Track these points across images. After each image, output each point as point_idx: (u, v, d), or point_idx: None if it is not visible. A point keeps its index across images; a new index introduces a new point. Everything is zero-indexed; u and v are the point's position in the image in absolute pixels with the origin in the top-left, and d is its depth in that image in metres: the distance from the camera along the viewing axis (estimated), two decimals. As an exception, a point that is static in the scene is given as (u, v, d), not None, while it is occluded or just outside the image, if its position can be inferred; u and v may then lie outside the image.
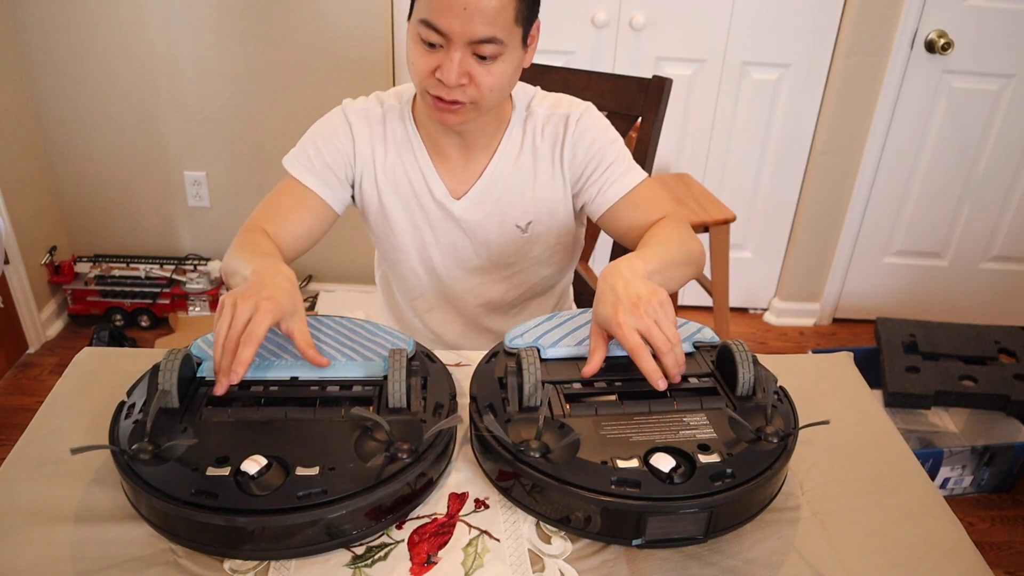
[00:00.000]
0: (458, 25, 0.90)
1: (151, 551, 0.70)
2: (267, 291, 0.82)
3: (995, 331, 2.06)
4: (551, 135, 1.10)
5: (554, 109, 1.10)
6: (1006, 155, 2.34)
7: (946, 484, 1.89)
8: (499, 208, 1.11)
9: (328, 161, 1.08)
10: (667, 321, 0.82)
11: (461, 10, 0.89)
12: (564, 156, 1.09)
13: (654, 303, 0.82)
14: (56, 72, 2.18)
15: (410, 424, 0.77)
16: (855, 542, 0.75)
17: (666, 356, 0.82)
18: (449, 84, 0.93)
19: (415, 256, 1.17)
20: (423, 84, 0.97)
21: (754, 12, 2.15)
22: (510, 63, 0.96)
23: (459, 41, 0.91)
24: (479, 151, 1.10)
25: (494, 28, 0.91)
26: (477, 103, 0.97)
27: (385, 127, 1.10)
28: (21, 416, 2.01)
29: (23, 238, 2.18)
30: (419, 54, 0.95)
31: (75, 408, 0.88)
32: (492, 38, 0.91)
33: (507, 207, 1.11)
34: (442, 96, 0.95)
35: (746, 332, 2.56)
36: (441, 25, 0.90)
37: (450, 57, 0.92)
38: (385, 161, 1.10)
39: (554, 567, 0.71)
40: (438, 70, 0.93)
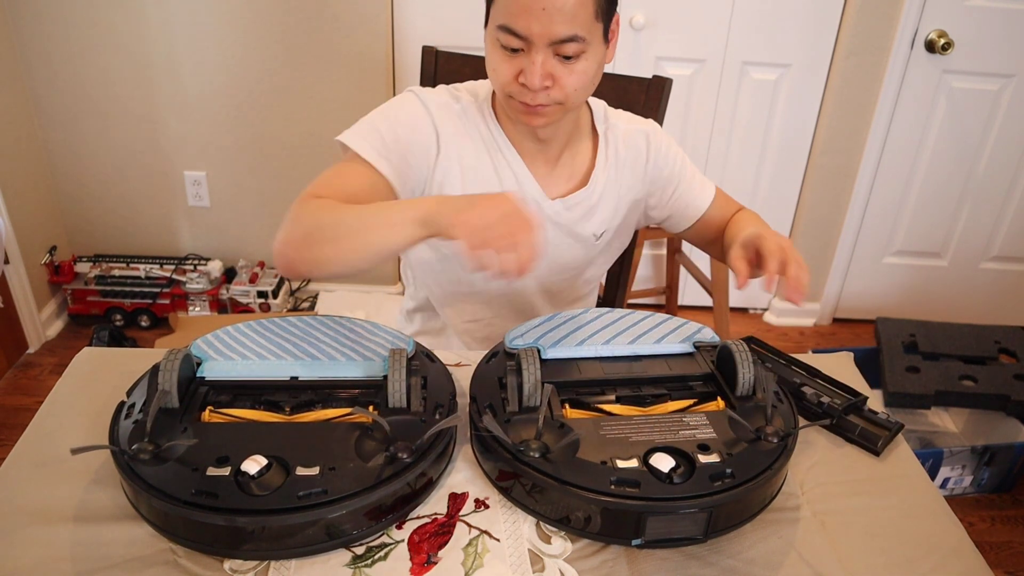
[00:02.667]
0: (538, 27, 0.88)
1: (151, 551, 0.70)
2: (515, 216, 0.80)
3: (995, 331, 2.06)
4: (633, 149, 1.11)
5: (631, 124, 1.12)
6: (1006, 155, 2.34)
7: (946, 484, 1.89)
8: (589, 215, 1.11)
9: (404, 149, 1.00)
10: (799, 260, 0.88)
11: (540, 11, 0.87)
12: (648, 171, 1.12)
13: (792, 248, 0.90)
14: (56, 72, 2.18)
15: (410, 424, 0.77)
16: (855, 542, 0.75)
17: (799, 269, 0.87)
18: (533, 88, 0.92)
19: None
20: (506, 90, 0.95)
21: (754, 12, 2.15)
22: (593, 60, 0.94)
23: (540, 43, 0.90)
24: (564, 157, 1.09)
25: (574, 26, 0.89)
26: (563, 103, 0.96)
27: (468, 123, 1.06)
28: (21, 416, 2.01)
29: (23, 238, 2.18)
30: (500, 60, 0.93)
31: (75, 408, 0.88)
32: (573, 36, 0.90)
33: (595, 215, 1.11)
34: (527, 101, 0.94)
35: (746, 332, 2.56)
36: (520, 28, 0.89)
37: (532, 60, 0.90)
38: (474, 159, 1.05)
39: (554, 567, 0.71)
40: (521, 75, 0.92)
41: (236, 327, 0.93)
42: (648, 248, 2.50)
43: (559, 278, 1.17)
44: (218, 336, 0.91)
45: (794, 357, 1.01)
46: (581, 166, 1.11)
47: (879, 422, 0.89)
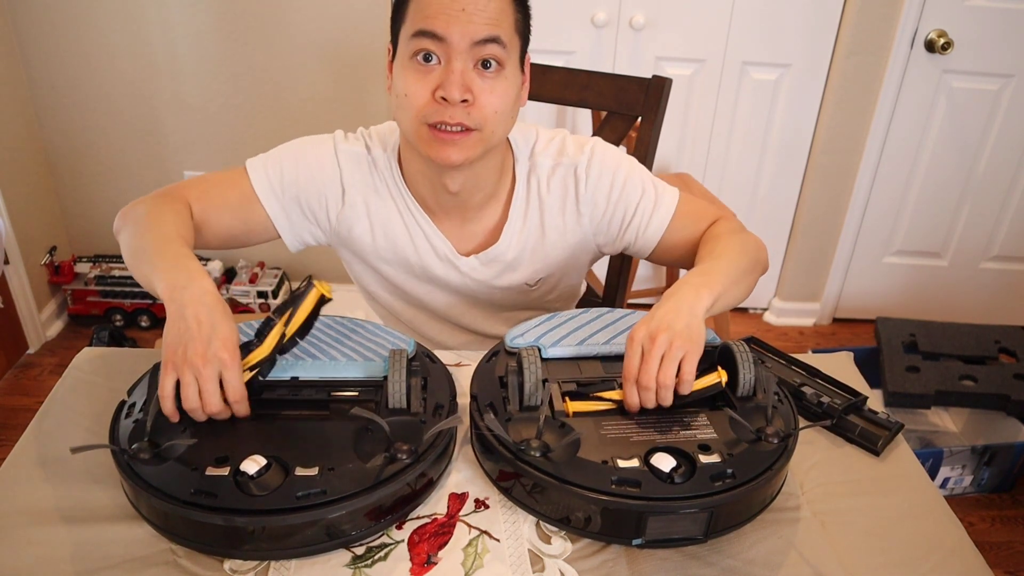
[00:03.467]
0: (458, 27, 0.85)
1: (151, 551, 0.70)
2: (218, 338, 0.74)
3: (995, 331, 2.06)
4: (559, 188, 1.04)
5: (559, 158, 1.03)
6: (1006, 155, 2.34)
7: (946, 484, 1.89)
8: (509, 270, 1.07)
9: (300, 193, 1.01)
10: (671, 363, 0.77)
11: (459, 12, 0.85)
12: (581, 210, 1.04)
13: (677, 343, 0.78)
14: (56, 72, 2.18)
15: (410, 424, 0.77)
16: (855, 542, 0.75)
17: (642, 391, 0.79)
18: (452, 99, 0.86)
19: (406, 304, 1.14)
20: (421, 114, 0.89)
21: (754, 12, 2.15)
22: (512, 83, 0.91)
23: (460, 46, 0.86)
24: (476, 211, 1.04)
25: (496, 28, 0.87)
26: (481, 130, 0.90)
27: (377, 178, 1.03)
28: (21, 416, 2.01)
29: (23, 238, 2.18)
30: (415, 79, 0.88)
31: (75, 408, 0.88)
32: (496, 37, 0.86)
33: (517, 268, 1.07)
34: (445, 121, 0.88)
35: (746, 332, 2.56)
36: (439, 29, 0.85)
37: (451, 69, 0.86)
38: (384, 213, 1.04)
39: (554, 567, 0.71)
40: (439, 89, 0.87)
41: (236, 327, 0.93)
42: (648, 248, 2.50)
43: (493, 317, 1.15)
44: (218, 336, 0.91)
45: (794, 357, 1.01)
46: (493, 218, 1.05)
47: (879, 422, 0.89)
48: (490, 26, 0.86)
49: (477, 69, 0.88)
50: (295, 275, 2.52)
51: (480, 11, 0.85)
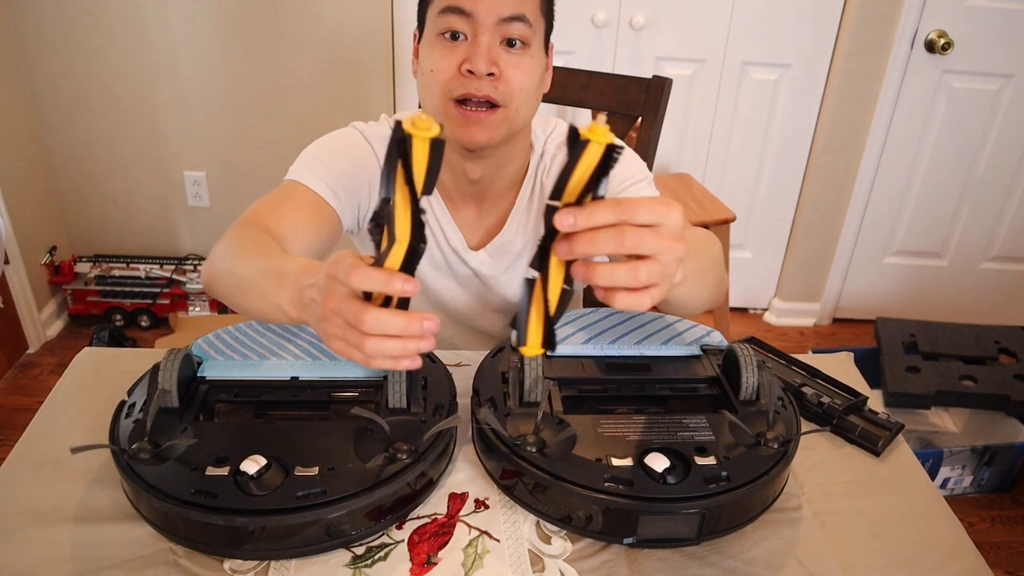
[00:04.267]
0: (485, 3, 0.87)
1: (151, 551, 0.70)
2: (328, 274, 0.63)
3: (995, 331, 2.06)
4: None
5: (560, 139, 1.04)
6: (1006, 155, 2.34)
7: (946, 484, 1.89)
8: (518, 263, 1.07)
9: (346, 181, 0.98)
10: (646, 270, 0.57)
11: None
12: None
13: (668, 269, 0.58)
14: (56, 72, 2.18)
15: (410, 424, 0.77)
16: (855, 542, 0.75)
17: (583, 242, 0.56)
18: (479, 72, 0.87)
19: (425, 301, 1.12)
20: (448, 87, 0.89)
21: (754, 12, 2.15)
22: (537, 62, 0.92)
23: (487, 22, 0.87)
24: (493, 201, 1.04)
25: (523, 7, 0.88)
26: (507, 106, 0.90)
27: None
28: (21, 416, 2.01)
29: (23, 238, 2.17)
30: (441, 54, 0.89)
31: (75, 408, 0.88)
32: (522, 15, 0.88)
33: (523, 258, 1.07)
34: (472, 93, 0.88)
35: (746, 332, 2.56)
36: (466, 4, 0.87)
37: (477, 43, 0.88)
38: None
39: (554, 567, 0.71)
40: (466, 62, 0.88)
41: (237, 327, 0.93)
42: (648, 248, 2.50)
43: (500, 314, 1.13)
44: (219, 336, 0.91)
45: (794, 357, 1.01)
46: (506, 206, 1.05)
47: (879, 422, 0.89)
48: (516, 4, 0.88)
49: (503, 46, 0.89)
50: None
51: None
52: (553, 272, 0.60)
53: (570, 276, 0.60)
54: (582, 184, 0.57)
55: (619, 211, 0.56)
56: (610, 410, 0.83)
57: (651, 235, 0.57)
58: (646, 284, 0.58)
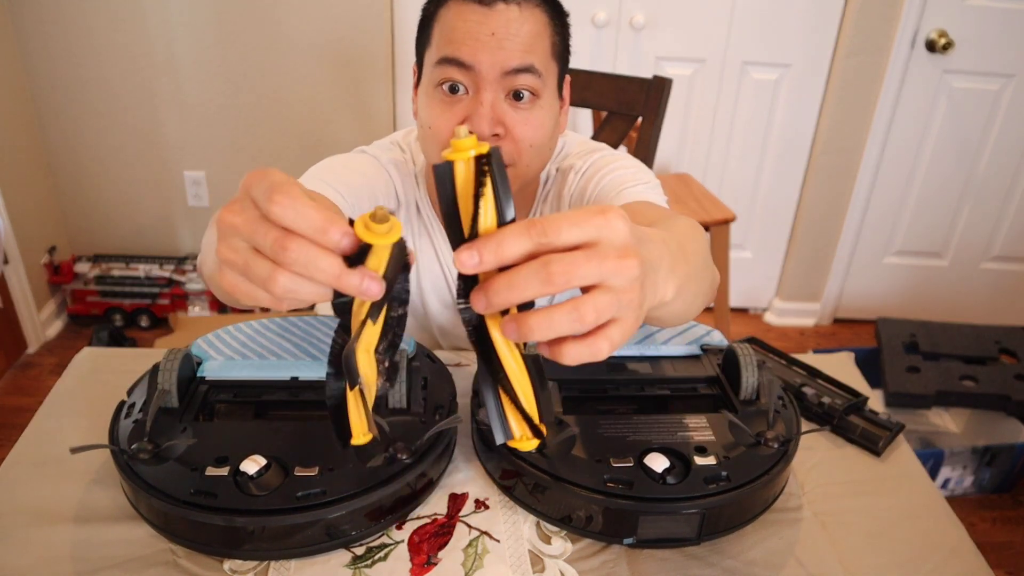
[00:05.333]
0: (487, 55, 0.76)
1: (151, 551, 0.70)
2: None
3: (996, 331, 2.06)
4: (554, 196, 0.96)
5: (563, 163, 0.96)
6: (1006, 155, 2.34)
7: (947, 484, 1.89)
8: None
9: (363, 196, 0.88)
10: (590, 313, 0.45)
11: (488, 36, 0.76)
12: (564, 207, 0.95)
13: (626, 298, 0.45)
14: (56, 72, 2.18)
15: (410, 424, 0.77)
16: (856, 543, 0.75)
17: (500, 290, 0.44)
18: (482, 135, 0.77)
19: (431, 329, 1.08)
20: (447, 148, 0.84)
21: (754, 12, 2.15)
22: (549, 111, 0.82)
23: (490, 76, 0.77)
24: None
25: (529, 56, 0.77)
26: (515, 165, 0.82)
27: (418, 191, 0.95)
28: (21, 416, 2.01)
29: (23, 238, 2.17)
30: (440, 109, 0.80)
31: (75, 408, 0.88)
32: (529, 67, 0.78)
33: None
34: None
35: (746, 332, 2.56)
36: (466, 57, 0.77)
37: (480, 100, 0.78)
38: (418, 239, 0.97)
39: (554, 567, 0.71)
40: (466, 122, 0.78)
41: (236, 327, 0.93)
42: (648, 248, 2.50)
43: None
44: (218, 336, 0.91)
45: (795, 357, 1.01)
46: None
47: (880, 422, 0.88)
48: (523, 53, 0.78)
49: (509, 100, 0.80)
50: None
51: (512, 36, 0.77)
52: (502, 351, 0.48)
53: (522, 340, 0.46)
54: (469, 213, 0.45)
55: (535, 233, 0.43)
56: (610, 410, 0.83)
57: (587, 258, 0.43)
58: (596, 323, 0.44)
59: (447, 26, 0.79)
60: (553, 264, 0.43)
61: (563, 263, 0.43)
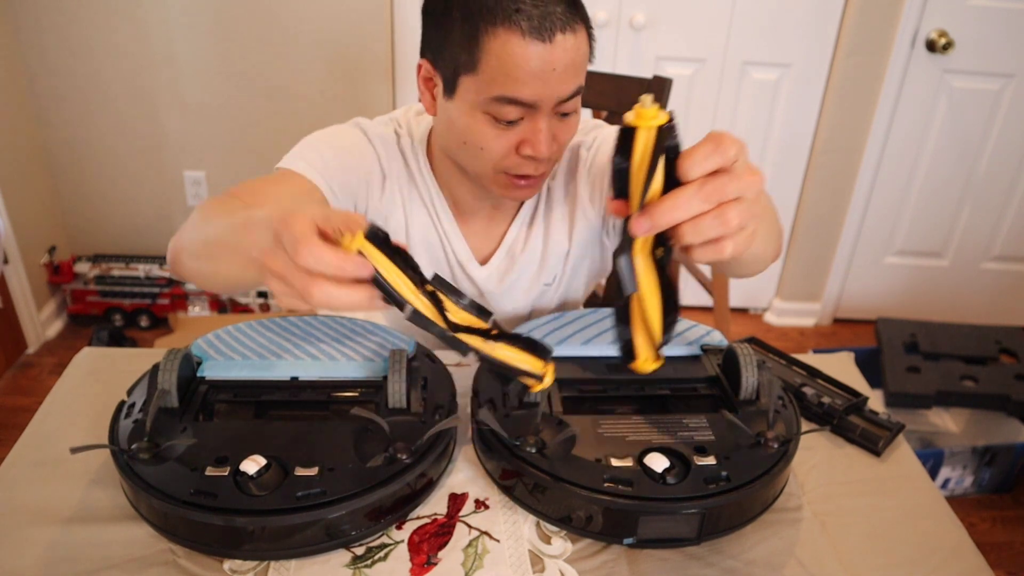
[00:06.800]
0: (548, 91, 0.79)
1: (151, 551, 0.70)
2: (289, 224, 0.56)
3: (996, 331, 2.06)
4: (564, 172, 0.99)
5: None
6: (1007, 155, 2.34)
7: (947, 484, 1.89)
8: (525, 274, 1.03)
9: (344, 178, 0.92)
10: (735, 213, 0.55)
11: (550, 72, 0.77)
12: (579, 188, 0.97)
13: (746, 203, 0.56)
14: (56, 72, 2.18)
15: (410, 424, 0.77)
16: (856, 542, 0.75)
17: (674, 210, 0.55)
18: (543, 157, 0.82)
19: None
20: (502, 165, 0.85)
21: (754, 12, 2.15)
22: (579, 110, 0.87)
23: (547, 106, 0.80)
24: (506, 212, 1.00)
25: (579, 77, 0.81)
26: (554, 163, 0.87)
27: (408, 167, 0.99)
28: (21, 416, 2.01)
29: (23, 238, 2.17)
30: (493, 136, 0.82)
31: (75, 408, 0.88)
32: (578, 89, 0.81)
33: (531, 270, 1.03)
34: (532, 174, 0.85)
35: (746, 332, 2.56)
36: (527, 97, 0.78)
37: (537, 127, 0.81)
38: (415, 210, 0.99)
39: (554, 567, 0.71)
40: (523, 145, 0.82)
41: (236, 327, 0.93)
42: (648, 248, 2.50)
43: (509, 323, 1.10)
44: (218, 336, 0.91)
45: (795, 357, 1.01)
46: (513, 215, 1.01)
47: (880, 422, 0.88)
48: (576, 78, 0.81)
49: (557, 115, 0.84)
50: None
51: (569, 66, 0.79)
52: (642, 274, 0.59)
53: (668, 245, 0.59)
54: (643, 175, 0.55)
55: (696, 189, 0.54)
56: (610, 410, 0.83)
57: (730, 179, 0.55)
58: (739, 227, 0.56)
59: (505, 62, 0.77)
60: (708, 185, 0.54)
61: (714, 184, 0.54)
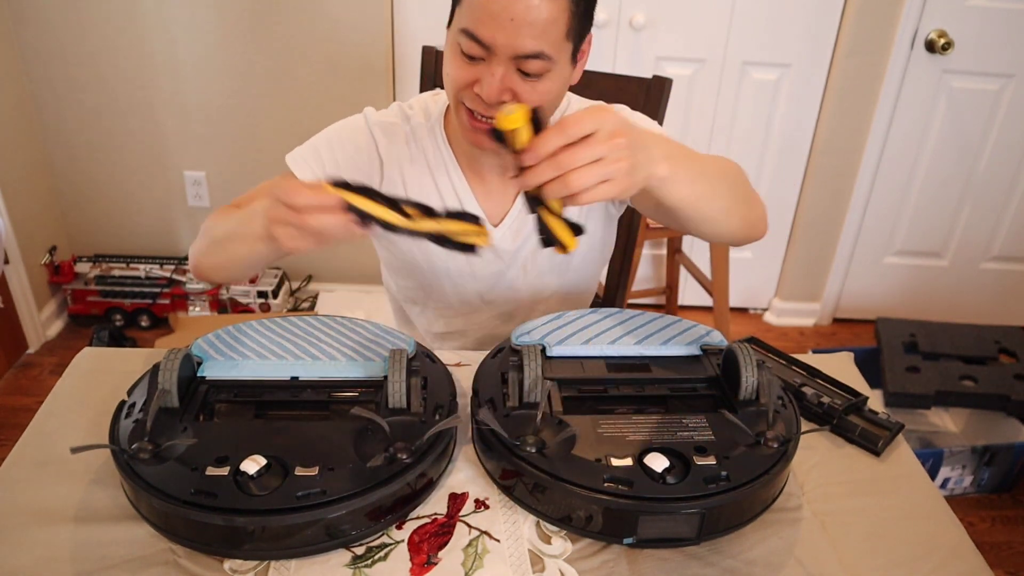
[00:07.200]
0: (503, 37, 0.81)
1: (151, 551, 0.70)
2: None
3: (995, 331, 2.06)
4: None
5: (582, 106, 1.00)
6: (1006, 155, 2.34)
7: (946, 484, 1.89)
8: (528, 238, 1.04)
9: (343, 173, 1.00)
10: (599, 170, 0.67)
11: (507, 21, 0.80)
12: None
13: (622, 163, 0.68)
14: (56, 72, 2.18)
15: (410, 424, 0.77)
16: (856, 542, 0.75)
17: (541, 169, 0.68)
18: (489, 101, 0.85)
19: (446, 281, 1.10)
20: (459, 95, 0.89)
21: (754, 12, 2.15)
22: (558, 80, 0.87)
23: (503, 55, 0.83)
24: None
25: (542, 43, 0.82)
26: None
27: (413, 146, 1.02)
28: (21, 416, 2.01)
29: (23, 238, 2.17)
30: (457, 65, 0.87)
31: (75, 408, 0.88)
32: (539, 53, 0.82)
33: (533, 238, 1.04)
34: (480, 111, 0.87)
35: (746, 332, 2.56)
36: (483, 36, 0.82)
37: (491, 72, 0.84)
38: (418, 184, 1.02)
39: (554, 567, 0.71)
40: (476, 84, 0.85)
41: (236, 327, 0.93)
42: (648, 248, 2.50)
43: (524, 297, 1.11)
44: (219, 336, 0.91)
45: (794, 357, 1.01)
46: None
47: (879, 422, 0.89)
48: (536, 40, 0.82)
49: (519, 73, 0.85)
50: (295, 275, 2.52)
51: (529, 23, 0.81)
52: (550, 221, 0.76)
53: None
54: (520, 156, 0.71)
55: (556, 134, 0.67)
56: (610, 410, 0.83)
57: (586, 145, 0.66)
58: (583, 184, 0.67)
59: (476, 2, 0.83)
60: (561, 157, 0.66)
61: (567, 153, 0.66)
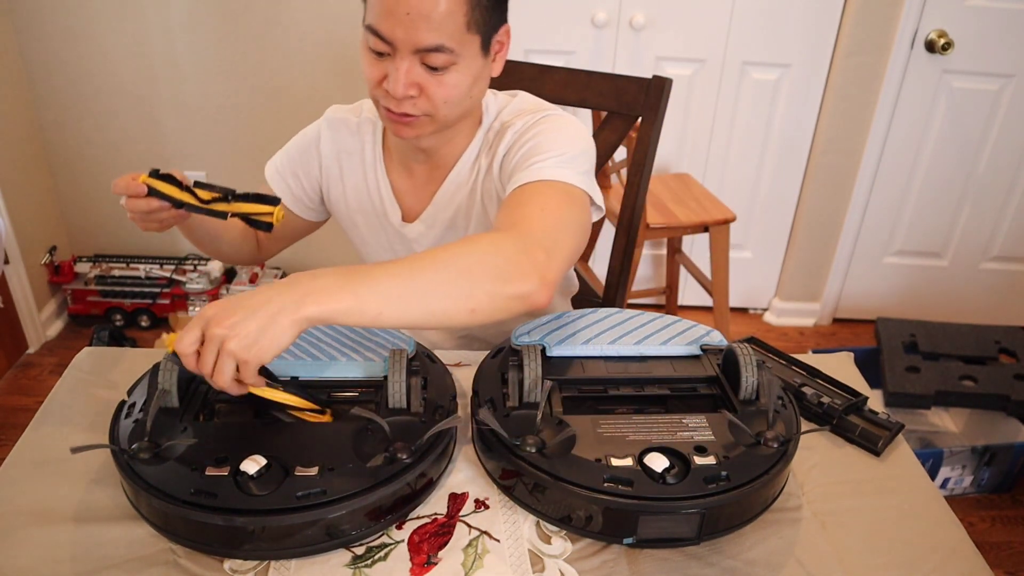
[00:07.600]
0: (401, 32, 0.83)
1: (151, 551, 0.70)
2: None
3: (995, 331, 2.06)
4: (494, 147, 0.99)
5: (514, 117, 0.98)
6: (1006, 155, 2.34)
7: (946, 484, 1.89)
8: (451, 233, 1.04)
9: (298, 171, 1.10)
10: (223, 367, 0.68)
11: (404, 15, 0.82)
12: (494, 165, 0.98)
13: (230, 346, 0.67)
14: (56, 72, 2.18)
15: (410, 424, 0.77)
16: (856, 542, 0.75)
17: None
18: (396, 95, 0.86)
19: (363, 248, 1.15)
20: (373, 94, 0.91)
21: (754, 12, 2.15)
22: (467, 73, 0.88)
23: (405, 49, 0.84)
24: (442, 169, 1.02)
25: (441, 36, 0.83)
26: (432, 116, 0.90)
27: (356, 139, 1.06)
28: (21, 416, 2.01)
29: (23, 238, 2.17)
30: (368, 63, 0.89)
31: (75, 408, 0.88)
32: (439, 47, 0.84)
33: (459, 231, 1.04)
34: (391, 108, 0.89)
35: (746, 332, 2.56)
36: (384, 32, 0.84)
37: (396, 66, 0.85)
38: (353, 176, 1.07)
39: (554, 567, 0.71)
40: (386, 80, 0.87)
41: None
42: (648, 248, 2.50)
43: None
44: (218, 336, 0.91)
45: (794, 357, 1.01)
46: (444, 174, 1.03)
47: (879, 422, 0.89)
48: (434, 33, 0.83)
49: (425, 67, 0.86)
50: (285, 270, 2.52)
51: (424, 17, 0.82)
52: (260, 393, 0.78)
53: None
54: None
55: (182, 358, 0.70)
56: (610, 410, 0.83)
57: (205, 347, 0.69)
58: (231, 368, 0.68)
59: None
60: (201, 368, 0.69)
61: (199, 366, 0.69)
